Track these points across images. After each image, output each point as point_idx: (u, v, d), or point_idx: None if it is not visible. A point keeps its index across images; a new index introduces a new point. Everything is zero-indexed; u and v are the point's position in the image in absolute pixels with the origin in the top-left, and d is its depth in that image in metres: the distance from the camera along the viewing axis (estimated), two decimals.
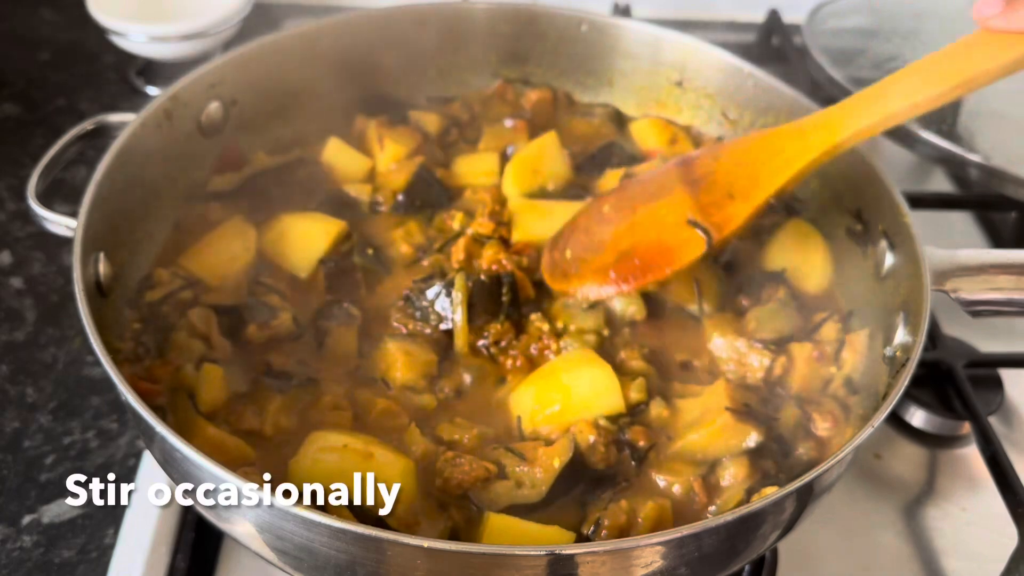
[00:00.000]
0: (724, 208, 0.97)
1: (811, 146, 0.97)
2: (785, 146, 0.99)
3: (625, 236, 1.01)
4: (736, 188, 0.98)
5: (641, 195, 1.05)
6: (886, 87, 0.95)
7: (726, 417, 0.94)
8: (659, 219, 1.00)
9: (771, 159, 0.99)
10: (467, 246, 1.11)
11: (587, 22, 1.37)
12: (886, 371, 0.99)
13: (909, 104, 0.91)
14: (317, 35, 1.28)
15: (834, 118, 0.98)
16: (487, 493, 0.90)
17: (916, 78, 0.92)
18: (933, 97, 0.90)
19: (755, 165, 0.99)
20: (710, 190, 1.00)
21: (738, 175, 0.99)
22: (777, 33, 1.83)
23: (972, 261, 1.00)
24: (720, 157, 1.03)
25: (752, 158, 1.00)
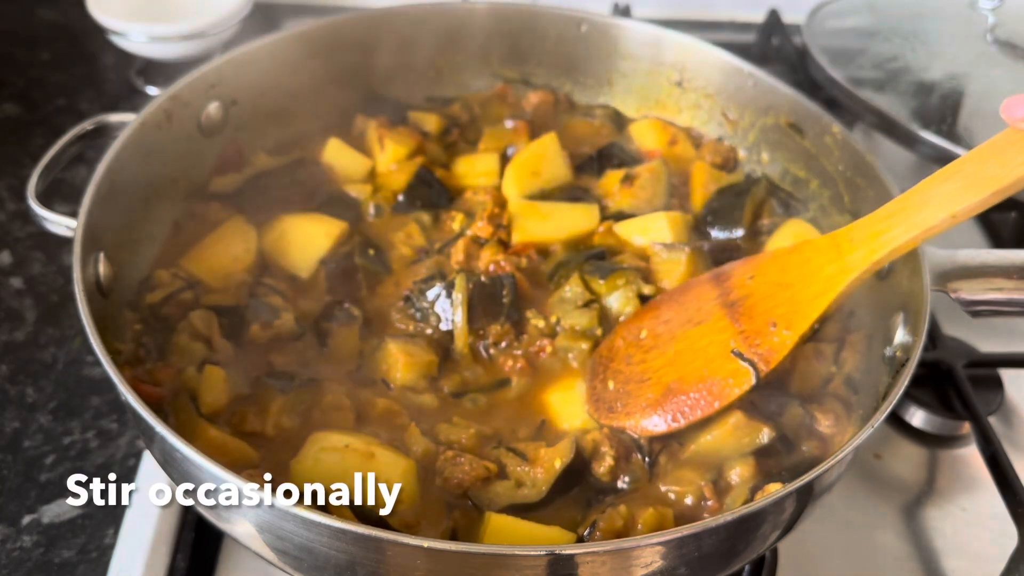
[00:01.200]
0: (768, 337, 0.94)
1: (849, 267, 0.93)
2: (824, 265, 0.95)
3: (669, 368, 0.97)
4: (778, 315, 0.95)
5: (679, 319, 1.01)
6: (924, 195, 0.90)
7: (738, 415, 0.94)
8: (701, 349, 0.97)
9: (810, 281, 0.95)
10: (467, 247, 1.11)
11: (587, 22, 1.37)
12: (886, 371, 0.99)
13: (947, 215, 0.87)
14: (317, 35, 1.28)
15: (872, 233, 0.93)
16: (487, 493, 0.90)
17: (953, 184, 0.87)
18: (972, 206, 0.85)
19: (794, 288, 0.96)
20: (751, 316, 0.96)
21: (778, 300, 0.96)
22: (777, 33, 1.83)
23: (972, 261, 1.00)
24: (756, 276, 0.99)
25: (790, 279, 0.97)
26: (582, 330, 1.05)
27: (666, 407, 0.95)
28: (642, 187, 1.22)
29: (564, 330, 1.05)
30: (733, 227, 1.19)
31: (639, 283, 1.08)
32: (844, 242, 0.95)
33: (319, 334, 1.04)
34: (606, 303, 1.07)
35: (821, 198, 1.21)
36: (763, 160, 1.30)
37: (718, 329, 0.97)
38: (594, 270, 1.09)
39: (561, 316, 1.06)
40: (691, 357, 0.97)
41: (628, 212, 1.20)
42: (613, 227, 1.18)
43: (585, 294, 1.07)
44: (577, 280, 1.07)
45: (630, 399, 0.97)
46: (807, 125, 1.22)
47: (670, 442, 0.96)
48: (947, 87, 1.49)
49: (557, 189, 1.23)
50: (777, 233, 1.19)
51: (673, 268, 1.10)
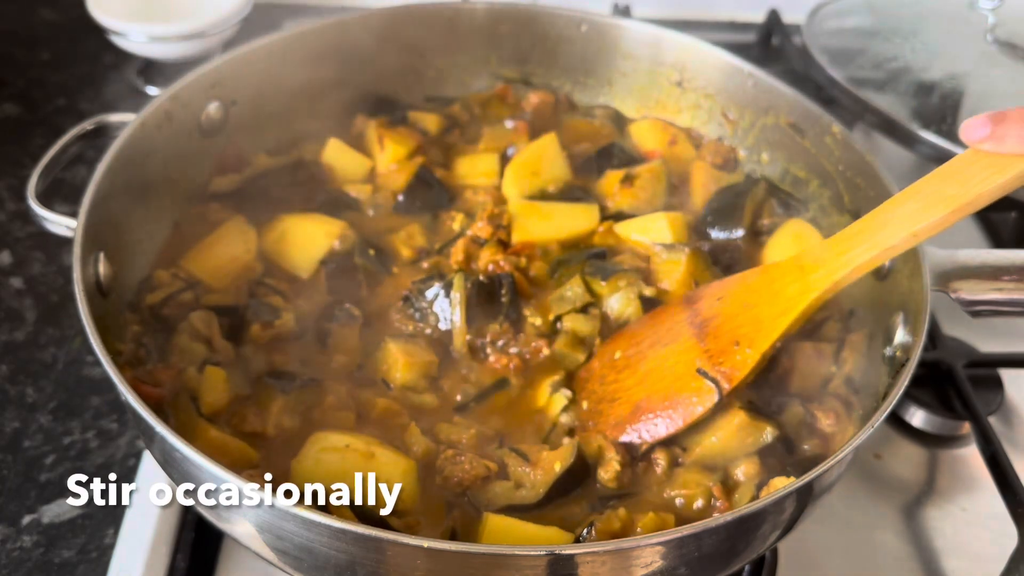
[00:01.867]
0: (731, 356, 0.96)
1: (811, 286, 0.95)
2: (786, 286, 0.97)
3: (638, 388, 0.99)
4: (741, 334, 0.96)
5: (649, 340, 1.02)
6: (885, 216, 0.92)
7: (741, 416, 0.94)
8: (669, 368, 0.98)
9: (773, 301, 0.97)
10: (466, 247, 1.11)
11: (587, 22, 1.37)
12: (886, 371, 0.99)
13: (908, 234, 0.89)
14: (317, 35, 1.28)
15: (832, 254, 0.95)
16: (485, 492, 0.90)
17: (914, 204, 0.89)
18: (932, 224, 0.87)
19: (758, 307, 0.98)
20: (716, 336, 0.98)
21: (742, 320, 0.98)
22: (777, 33, 1.83)
23: (972, 261, 1.00)
24: (724, 297, 1.01)
25: (754, 299, 0.99)
26: (582, 338, 1.05)
27: (634, 425, 0.96)
28: (642, 187, 1.22)
29: (565, 332, 1.05)
30: (733, 227, 1.19)
31: (640, 285, 1.08)
32: (807, 263, 0.97)
33: (319, 334, 1.04)
34: (607, 304, 1.07)
35: (821, 198, 1.22)
36: (763, 160, 1.30)
37: (685, 349, 0.99)
38: (595, 271, 1.09)
39: (561, 316, 1.06)
40: (659, 376, 0.98)
41: (628, 212, 1.20)
42: (613, 227, 1.18)
43: (585, 295, 1.06)
44: (578, 281, 1.07)
45: (601, 418, 0.98)
46: (807, 125, 1.22)
47: (672, 447, 0.96)
48: (947, 87, 1.49)
49: (557, 189, 1.23)
50: (777, 233, 1.19)
51: (673, 268, 1.10)
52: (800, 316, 0.95)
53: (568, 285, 1.08)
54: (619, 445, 0.94)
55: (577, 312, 1.06)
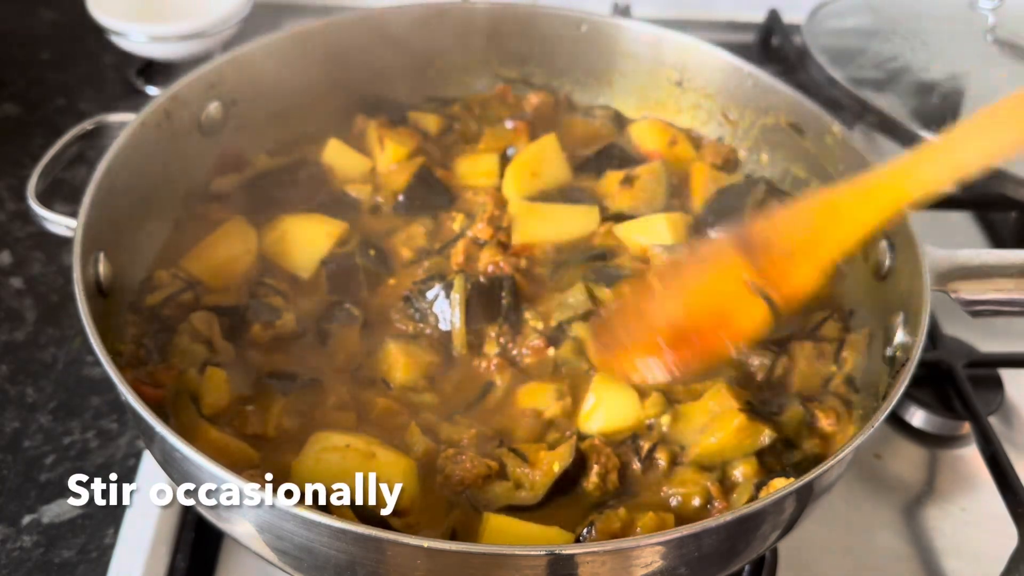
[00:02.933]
0: (787, 271, 0.88)
1: (880, 207, 0.89)
2: (851, 210, 0.91)
3: (674, 302, 0.91)
4: (799, 250, 0.89)
5: (692, 264, 0.96)
6: (953, 137, 0.89)
7: (741, 418, 0.94)
8: (714, 287, 0.91)
9: (837, 222, 0.91)
10: (466, 248, 1.11)
11: (587, 22, 1.37)
12: (887, 371, 0.99)
13: (980, 152, 0.85)
14: (317, 35, 1.28)
15: (900, 175, 0.90)
16: (485, 492, 0.90)
17: (987, 123, 0.86)
18: (1007, 144, 0.84)
19: (819, 229, 0.91)
20: (769, 252, 0.90)
21: (798, 239, 0.91)
22: (777, 33, 1.83)
23: (972, 261, 1.00)
24: (778, 224, 0.94)
25: (815, 223, 0.92)
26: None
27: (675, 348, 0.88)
28: (642, 188, 1.22)
29: (571, 339, 1.05)
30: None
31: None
32: (874, 187, 0.91)
33: (320, 334, 1.04)
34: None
35: None
36: (763, 160, 1.30)
37: (734, 267, 0.91)
38: (598, 277, 1.08)
39: (564, 322, 1.06)
40: (703, 297, 0.91)
41: (628, 213, 1.20)
42: (613, 228, 1.18)
43: (587, 302, 1.06)
44: (581, 287, 1.07)
45: (627, 334, 0.93)
46: (807, 125, 1.22)
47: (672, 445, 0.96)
48: (947, 87, 1.49)
49: (557, 190, 1.23)
50: None
51: None
52: (866, 236, 0.90)
53: (570, 291, 1.07)
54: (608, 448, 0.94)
55: (579, 319, 1.06)
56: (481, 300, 1.04)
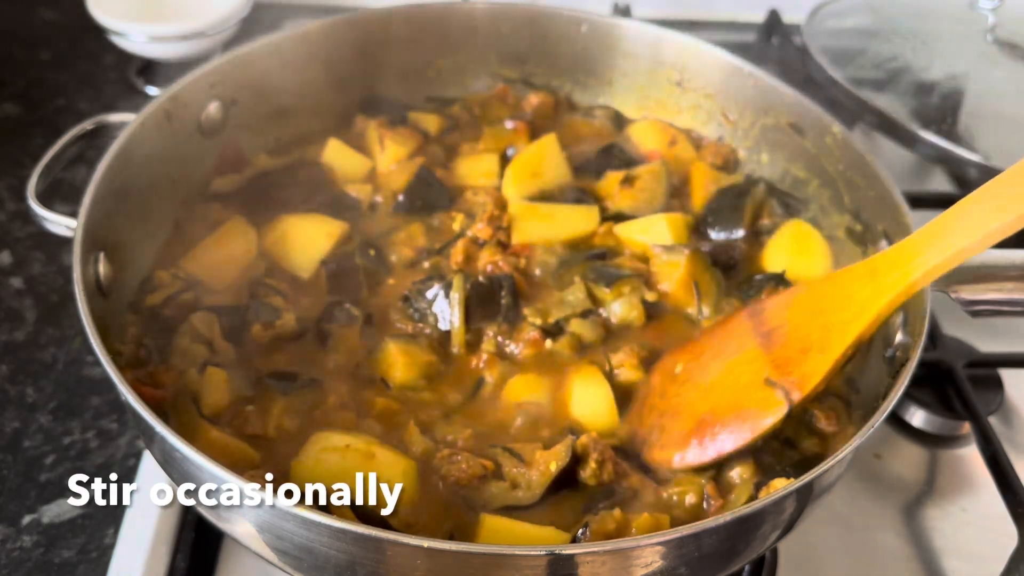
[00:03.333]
0: (801, 364, 0.91)
1: (884, 289, 0.91)
2: (856, 291, 0.93)
3: (702, 401, 0.95)
4: (811, 341, 0.92)
5: (712, 352, 0.99)
6: (957, 216, 0.89)
7: None
8: (734, 380, 0.95)
9: (844, 306, 0.93)
10: (466, 248, 1.11)
11: (587, 22, 1.37)
12: (887, 371, 0.99)
13: (982, 235, 0.85)
14: (317, 35, 1.28)
15: (904, 257, 0.91)
16: (482, 493, 0.90)
17: (988, 204, 0.86)
18: (1008, 224, 0.84)
19: (828, 314, 0.93)
20: (784, 344, 0.94)
21: (811, 327, 0.94)
22: (777, 33, 1.83)
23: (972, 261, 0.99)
24: (791, 305, 0.98)
25: (824, 306, 0.94)
26: (585, 343, 1.04)
27: (700, 440, 0.92)
28: (642, 188, 1.22)
29: (569, 334, 1.05)
30: (733, 228, 1.19)
31: (643, 290, 1.08)
32: (880, 266, 0.93)
33: (320, 334, 1.04)
34: (610, 310, 1.07)
35: (821, 198, 1.22)
36: (763, 161, 1.30)
37: (751, 359, 0.95)
38: (598, 277, 1.08)
39: (562, 320, 1.06)
40: (724, 388, 0.95)
41: (628, 213, 1.20)
42: (613, 228, 1.18)
43: (586, 301, 1.06)
44: (581, 286, 1.07)
45: (663, 433, 0.95)
46: (807, 125, 1.22)
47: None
48: (947, 87, 1.49)
49: (557, 190, 1.23)
50: (778, 234, 1.19)
51: (673, 270, 1.10)
52: (874, 322, 0.91)
53: (570, 290, 1.08)
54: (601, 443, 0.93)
55: (578, 316, 1.06)
56: (480, 300, 1.04)
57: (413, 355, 1.01)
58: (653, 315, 1.08)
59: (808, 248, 1.17)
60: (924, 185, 1.59)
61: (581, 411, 0.99)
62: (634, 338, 1.06)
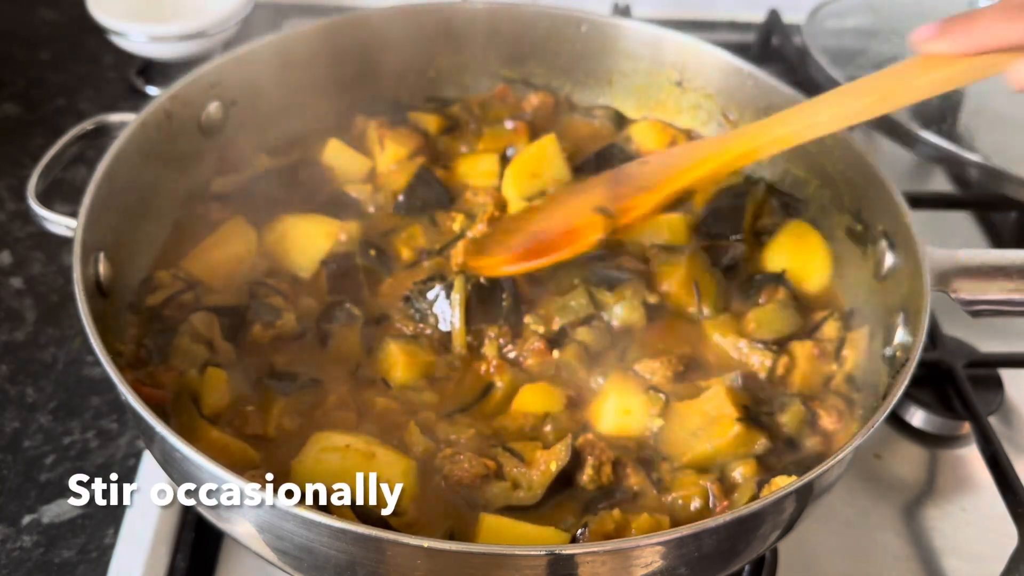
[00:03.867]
0: (631, 198, 1.04)
1: (728, 148, 1.03)
2: (704, 150, 1.06)
3: (539, 219, 1.08)
4: (649, 182, 1.05)
5: (567, 192, 1.14)
6: (813, 101, 1.00)
7: (738, 427, 0.94)
8: (572, 207, 1.08)
9: (688, 159, 1.06)
10: (466, 249, 1.11)
11: (587, 22, 1.37)
12: (887, 370, 0.99)
13: (832, 114, 0.96)
14: (317, 35, 1.28)
15: (757, 127, 1.04)
16: (483, 493, 0.90)
17: (844, 91, 0.97)
18: (859, 109, 0.94)
19: (673, 166, 1.06)
20: (626, 183, 1.07)
21: (656, 173, 1.07)
22: (777, 33, 1.83)
23: (972, 261, 1.00)
24: (650, 162, 1.11)
25: (674, 160, 1.07)
26: (592, 352, 1.04)
27: (525, 247, 1.04)
28: None
29: (575, 342, 1.04)
30: (734, 228, 1.19)
31: (644, 292, 1.08)
32: (731, 135, 1.09)
33: (321, 334, 1.04)
34: (612, 312, 1.07)
35: (821, 198, 1.21)
36: (763, 161, 1.30)
37: (594, 195, 1.08)
38: (599, 280, 1.08)
39: (566, 326, 1.05)
40: (560, 213, 1.08)
41: None
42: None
43: (589, 306, 1.06)
44: (582, 291, 1.07)
45: (498, 245, 1.07)
46: None
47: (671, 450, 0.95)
48: None
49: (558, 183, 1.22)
50: (778, 234, 1.19)
51: (673, 270, 1.10)
52: (712, 172, 1.04)
53: (571, 295, 1.07)
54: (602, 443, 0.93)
55: (581, 323, 1.05)
56: (481, 301, 1.04)
57: (414, 355, 1.01)
58: (653, 316, 1.08)
59: (808, 248, 1.17)
60: (924, 185, 1.59)
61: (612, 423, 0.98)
62: (637, 341, 1.06)
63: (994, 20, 0.81)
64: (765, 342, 1.05)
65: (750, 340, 1.05)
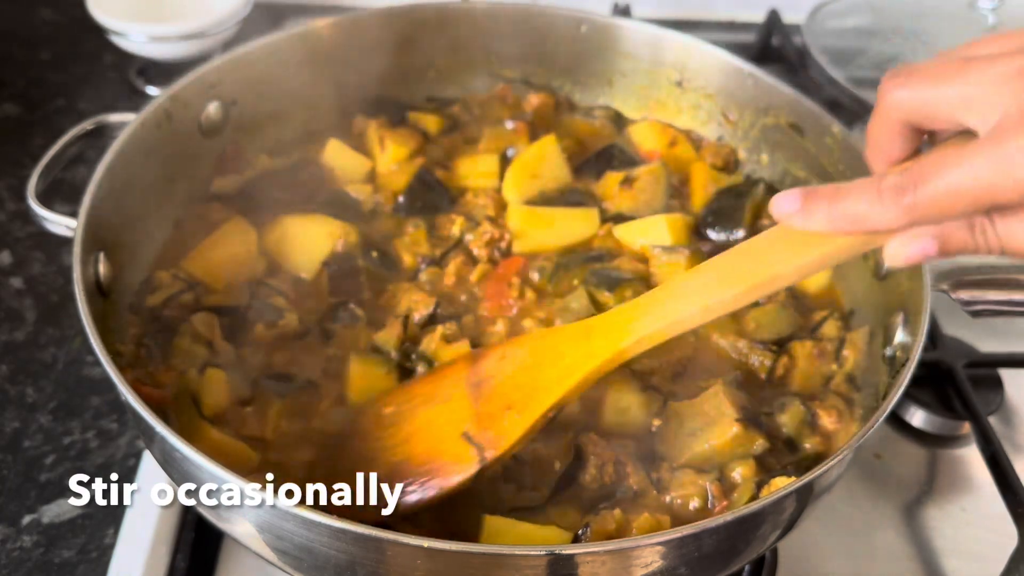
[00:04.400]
0: (500, 421, 0.87)
1: (593, 353, 0.86)
2: (567, 351, 0.88)
3: (400, 448, 0.89)
4: (515, 399, 0.88)
5: (424, 396, 0.94)
6: (679, 287, 0.85)
7: (736, 428, 0.93)
8: (436, 429, 0.89)
9: (552, 366, 0.88)
10: (458, 271, 1.11)
11: (587, 22, 1.37)
12: (886, 370, 0.99)
13: (700, 307, 0.82)
14: (317, 35, 1.28)
15: (619, 322, 0.87)
16: (490, 495, 0.90)
17: (711, 276, 0.83)
18: (725, 300, 0.80)
19: (535, 371, 0.89)
20: (490, 399, 0.89)
21: (518, 383, 0.89)
22: (777, 33, 1.83)
23: (972, 261, 1.00)
24: (507, 357, 0.92)
25: (534, 362, 0.90)
26: None
27: (392, 487, 0.84)
28: (642, 189, 1.22)
29: None
30: (734, 229, 1.19)
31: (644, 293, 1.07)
32: (595, 328, 0.89)
33: (324, 334, 1.04)
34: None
35: None
36: (763, 161, 1.30)
37: (458, 409, 0.90)
38: (600, 282, 1.08)
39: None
40: (424, 436, 0.90)
41: (628, 214, 1.20)
42: (613, 230, 1.18)
43: (590, 308, 1.06)
44: (582, 292, 1.07)
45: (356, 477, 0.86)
46: (807, 125, 1.22)
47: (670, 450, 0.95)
48: None
49: (557, 191, 1.22)
50: None
51: (672, 271, 1.10)
52: (578, 386, 0.87)
53: (572, 296, 1.07)
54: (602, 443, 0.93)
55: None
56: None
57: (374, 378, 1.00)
58: None
59: None
60: None
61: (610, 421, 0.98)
62: None
63: (859, 200, 0.69)
64: (765, 342, 1.05)
65: (750, 341, 1.05)
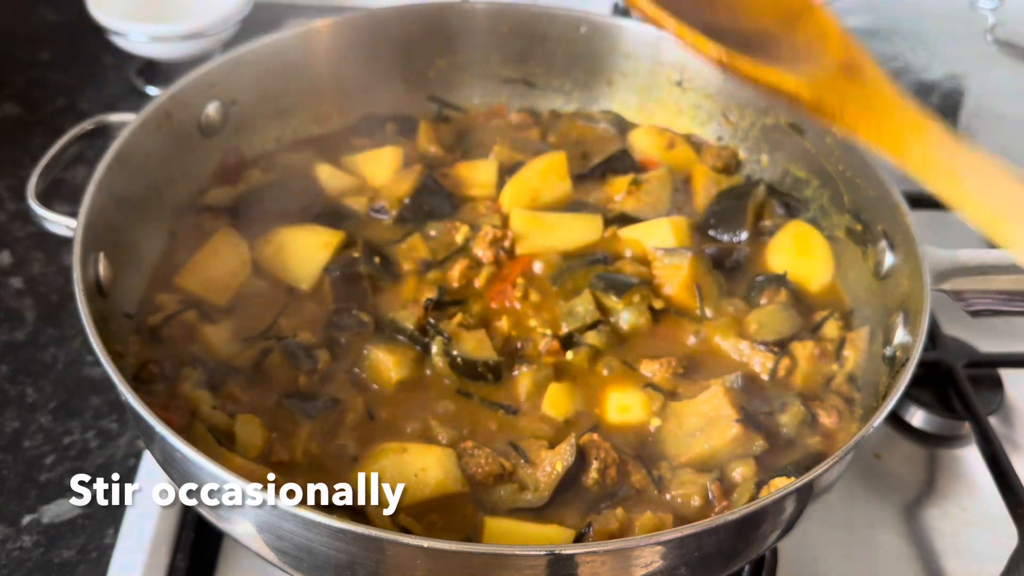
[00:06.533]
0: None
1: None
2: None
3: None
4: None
5: None
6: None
7: (736, 429, 0.94)
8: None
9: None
10: (464, 273, 1.10)
11: (587, 22, 1.37)
12: (887, 370, 0.99)
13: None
14: (317, 35, 1.28)
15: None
16: (491, 495, 0.90)
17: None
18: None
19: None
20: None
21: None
22: None
23: (972, 261, 1.00)
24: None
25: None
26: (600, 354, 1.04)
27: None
28: (648, 192, 1.22)
29: (585, 346, 1.04)
30: (736, 230, 1.19)
31: (652, 297, 1.08)
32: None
33: (330, 343, 1.03)
34: (620, 317, 1.06)
35: (821, 198, 1.21)
36: (763, 162, 1.30)
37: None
38: (607, 286, 1.08)
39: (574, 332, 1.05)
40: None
41: (632, 215, 1.20)
42: (617, 232, 1.17)
43: (595, 312, 1.06)
44: (588, 297, 1.07)
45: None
46: (807, 125, 1.22)
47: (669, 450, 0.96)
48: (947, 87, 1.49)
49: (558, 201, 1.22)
50: (778, 234, 1.19)
51: (675, 273, 1.10)
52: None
53: (577, 300, 1.07)
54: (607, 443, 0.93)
55: (588, 328, 1.05)
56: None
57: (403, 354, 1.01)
58: (656, 319, 1.08)
59: (809, 248, 1.17)
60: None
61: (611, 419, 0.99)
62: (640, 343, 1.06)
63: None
64: (766, 343, 1.05)
65: (752, 342, 1.05)
